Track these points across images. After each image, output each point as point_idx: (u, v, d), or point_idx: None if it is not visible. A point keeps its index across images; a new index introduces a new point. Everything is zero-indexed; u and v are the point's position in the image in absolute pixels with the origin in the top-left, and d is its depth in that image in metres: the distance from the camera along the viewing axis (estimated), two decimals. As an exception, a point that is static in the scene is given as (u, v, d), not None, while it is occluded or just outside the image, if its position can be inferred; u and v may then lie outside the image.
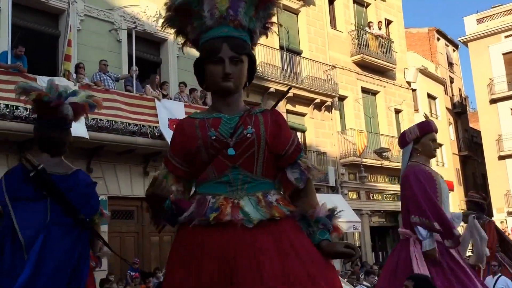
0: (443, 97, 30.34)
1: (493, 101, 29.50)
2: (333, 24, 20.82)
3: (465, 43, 31.58)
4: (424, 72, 26.69)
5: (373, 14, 22.64)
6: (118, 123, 11.63)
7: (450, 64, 35.88)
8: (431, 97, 28.30)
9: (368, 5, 22.19)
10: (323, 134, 18.91)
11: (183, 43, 2.53)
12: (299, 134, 18.03)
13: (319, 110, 18.82)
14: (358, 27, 21.15)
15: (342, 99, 20.12)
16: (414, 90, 25.04)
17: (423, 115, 6.44)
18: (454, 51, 37.34)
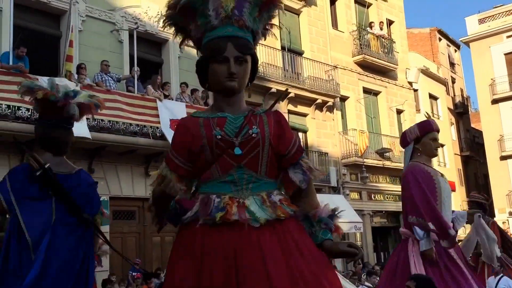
0: (445, 97, 30.31)
1: (495, 101, 29.46)
2: (335, 24, 20.80)
3: (467, 43, 31.54)
4: (425, 72, 26.67)
5: (375, 14, 22.62)
6: (119, 124, 11.64)
7: (451, 64, 35.84)
8: (432, 97, 28.28)
9: (369, 5, 22.18)
10: (324, 134, 18.89)
11: (181, 41, 2.52)
12: (300, 134, 18.03)
13: (321, 110, 18.81)
14: (359, 28, 21.12)
15: (343, 99, 20.10)
16: (415, 90, 25.01)
17: (424, 114, 6.43)
18: (455, 51, 37.30)
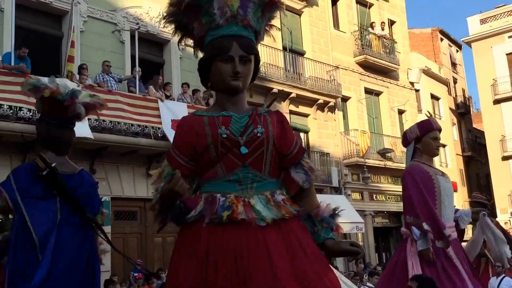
0: (447, 97, 30.29)
1: (497, 102, 29.42)
2: (336, 24, 20.79)
3: (469, 44, 31.50)
4: (427, 72, 26.65)
5: (376, 14, 22.61)
6: (121, 124, 11.64)
7: (453, 64, 35.82)
8: (434, 97, 28.27)
9: (371, 5, 22.17)
10: (326, 134, 18.88)
11: (180, 39, 2.50)
12: (302, 134, 18.03)
13: (322, 110, 18.80)
14: (361, 28, 21.11)
15: (345, 99, 20.09)
16: (417, 90, 24.99)
17: (425, 113, 6.41)
18: (457, 51, 37.27)
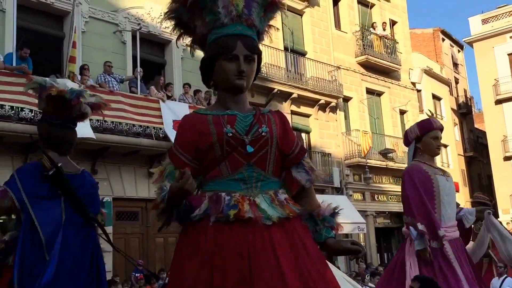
0: (448, 97, 30.27)
1: (499, 102, 29.40)
2: (338, 25, 20.79)
3: (470, 44, 31.49)
4: (429, 72, 26.63)
5: (378, 14, 22.59)
6: (122, 125, 11.65)
7: (455, 64, 35.80)
8: (436, 97, 28.25)
9: (372, 5, 22.15)
10: (327, 135, 18.87)
11: (179, 36, 2.50)
12: (303, 135, 18.03)
13: (324, 111, 18.79)
14: (362, 28, 21.10)
15: (346, 100, 20.08)
16: (419, 91, 24.97)
17: (426, 112, 6.39)
18: (459, 51, 37.25)
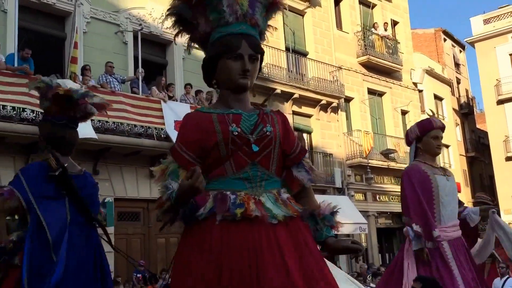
0: (450, 98, 30.22)
1: (500, 102, 29.36)
2: (339, 25, 20.77)
3: (472, 44, 31.45)
4: (430, 73, 26.59)
5: (379, 15, 22.57)
6: (124, 125, 11.66)
7: (456, 65, 35.75)
8: (437, 98, 28.19)
9: (374, 6, 22.13)
10: (329, 135, 18.87)
11: (177, 32, 2.49)
12: (305, 135, 18.02)
13: (325, 111, 18.78)
14: (364, 28, 21.08)
15: (348, 100, 20.06)
16: (420, 91, 24.94)
17: (427, 111, 6.37)
18: (460, 51, 37.21)
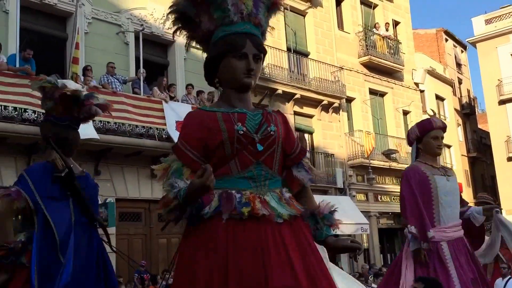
0: (452, 98, 30.19)
1: (502, 102, 29.34)
2: (341, 25, 20.76)
3: (473, 44, 31.43)
4: (432, 73, 26.57)
5: (381, 15, 22.56)
6: (125, 125, 11.67)
7: (458, 65, 35.72)
8: (439, 98, 28.17)
9: (375, 6, 22.13)
10: (330, 135, 18.86)
11: (176, 29, 2.49)
12: (306, 135, 18.01)
13: (327, 111, 18.78)
14: (365, 29, 21.07)
15: (349, 100, 20.06)
16: (422, 91, 24.93)
17: (428, 111, 6.37)
18: (462, 52, 37.18)
